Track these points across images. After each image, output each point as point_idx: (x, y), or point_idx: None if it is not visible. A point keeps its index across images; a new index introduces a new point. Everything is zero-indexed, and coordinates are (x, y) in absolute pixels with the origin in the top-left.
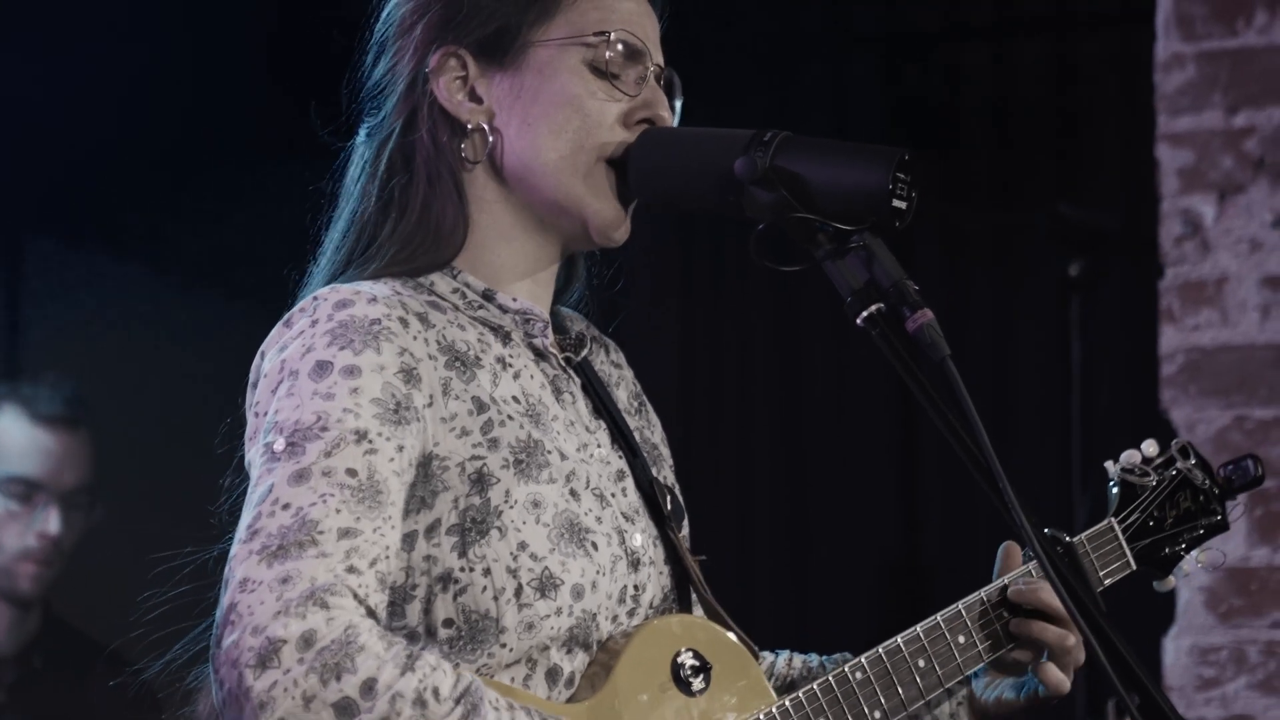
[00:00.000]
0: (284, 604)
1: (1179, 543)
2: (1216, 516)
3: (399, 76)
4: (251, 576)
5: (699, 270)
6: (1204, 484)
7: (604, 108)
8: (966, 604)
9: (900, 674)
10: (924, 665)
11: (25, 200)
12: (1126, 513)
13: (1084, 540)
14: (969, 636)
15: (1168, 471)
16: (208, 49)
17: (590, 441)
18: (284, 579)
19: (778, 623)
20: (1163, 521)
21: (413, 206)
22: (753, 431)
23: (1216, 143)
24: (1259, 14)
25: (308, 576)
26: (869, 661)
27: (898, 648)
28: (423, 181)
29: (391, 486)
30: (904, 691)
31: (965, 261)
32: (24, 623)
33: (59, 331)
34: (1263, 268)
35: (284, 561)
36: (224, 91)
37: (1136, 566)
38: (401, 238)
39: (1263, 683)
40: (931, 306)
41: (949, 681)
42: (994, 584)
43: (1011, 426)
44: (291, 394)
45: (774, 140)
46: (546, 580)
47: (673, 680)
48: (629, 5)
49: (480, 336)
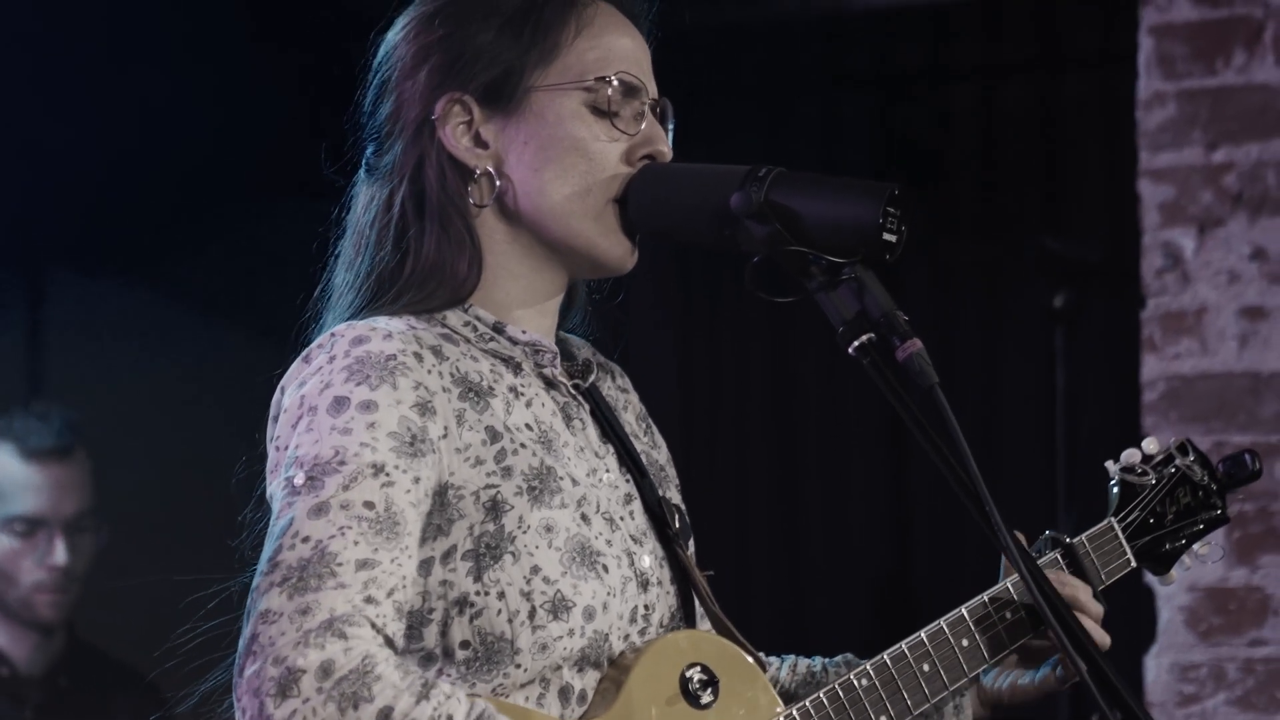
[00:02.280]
0: (303, 634)
1: (1179, 538)
2: (1217, 510)
3: (405, 122)
4: (273, 608)
5: (697, 300)
6: (1203, 479)
7: (607, 149)
8: (969, 607)
9: (906, 679)
10: (929, 670)
11: (48, 234)
12: (1126, 511)
13: (1084, 541)
14: (972, 639)
15: (1166, 469)
16: (223, 92)
17: (599, 466)
18: (304, 610)
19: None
20: (1163, 518)
21: (427, 253)
22: (750, 453)
23: (1196, 178)
24: (1237, 54)
25: (327, 607)
26: (874, 668)
27: (902, 653)
28: (436, 228)
29: (408, 517)
30: (910, 697)
31: (953, 293)
32: (49, 645)
33: (78, 360)
34: (1241, 299)
35: (304, 593)
36: (237, 132)
37: (1136, 564)
38: (418, 283)
39: (1241, 699)
40: (920, 336)
41: (954, 685)
42: (996, 586)
43: (998, 451)
44: (311, 429)
45: (768, 176)
46: (559, 602)
47: (682, 694)
48: (625, 42)
49: (492, 368)
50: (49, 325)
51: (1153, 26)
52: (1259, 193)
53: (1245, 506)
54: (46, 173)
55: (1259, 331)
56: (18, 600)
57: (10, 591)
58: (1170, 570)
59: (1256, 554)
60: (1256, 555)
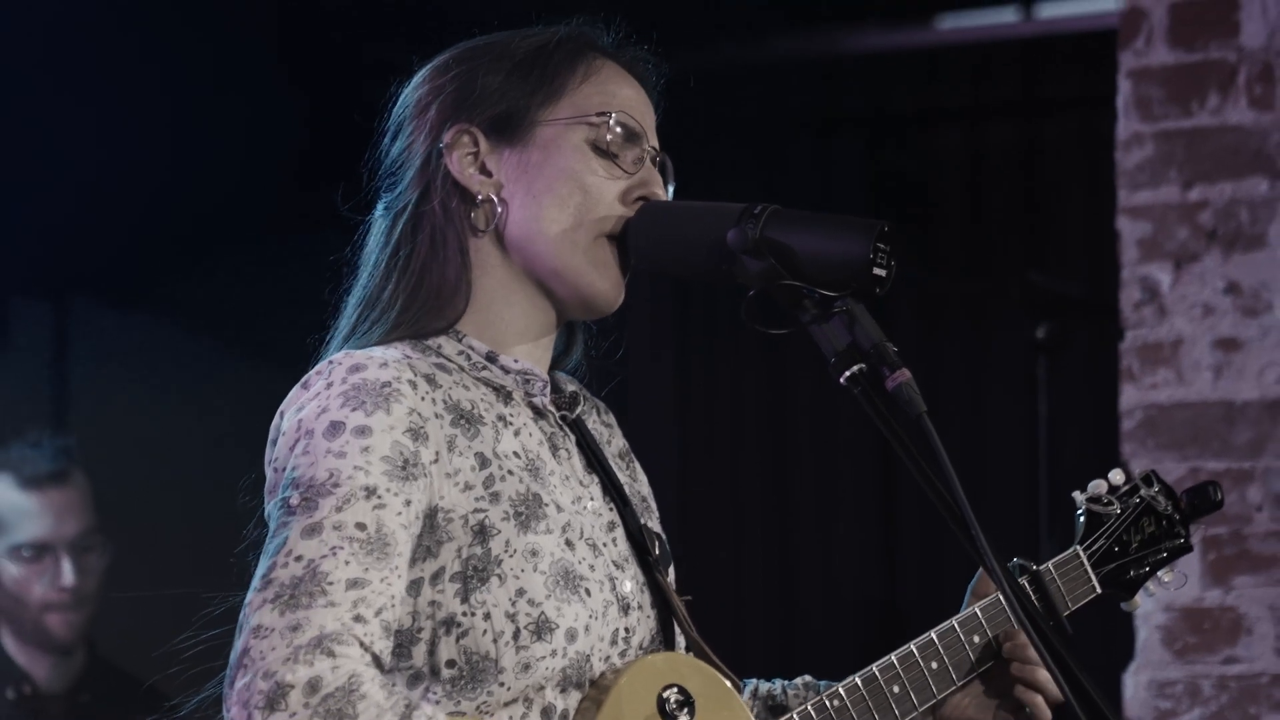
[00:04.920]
0: (293, 650)
1: (1144, 566)
2: (1180, 539)
3: (415, 153)
4: (264, 623)
5: (695, 332)
6: (1167, 509)
7: (604, 185)
8: (939, 631)
9: (876, 700)
10: (899, 691)
11: (73, 265)
12: (1092, 540)
13: (1050, 568)
14: (941, 663)
15: (1131, 499)
16: (245, 130)
17: (584, 494)
18: (294, 626)
19: (767, 655)
20: (1128, 546)
21: (413, 269)
22: (744, 478)
23: (1173, 215)
24: (1211, 97)
25: (316, 625)
26: (846, 690)
27: (873, 676)
28: (425, 246)
29: (399, 539)
30: (879, 717)
31: (940, 325)
32: (69, 664)
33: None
34: (1215, 331)
35: (295, 610)
36: (256, 169)
37: (1101, 590)
38: (404, 299)
39: (1215, 714)
40: (909, 366)
41: (922, 706)
42: (964, 612)
43: (983, 477)
44: (307, 452)
45: (763, 213)
46: (543, 624)
47: (659, 715)
48: (629, 92)
49: (483, 396)
50: (73, 352)
51: (1131, 70)
52: (1232, 229)
53: (1220, 530)
54: (73, 206)
55: (1233, 362)
56: (32, 623)
57: (24, 614)
58: (1135, 597)
59: (1230, 575)
60: (1230, 576)
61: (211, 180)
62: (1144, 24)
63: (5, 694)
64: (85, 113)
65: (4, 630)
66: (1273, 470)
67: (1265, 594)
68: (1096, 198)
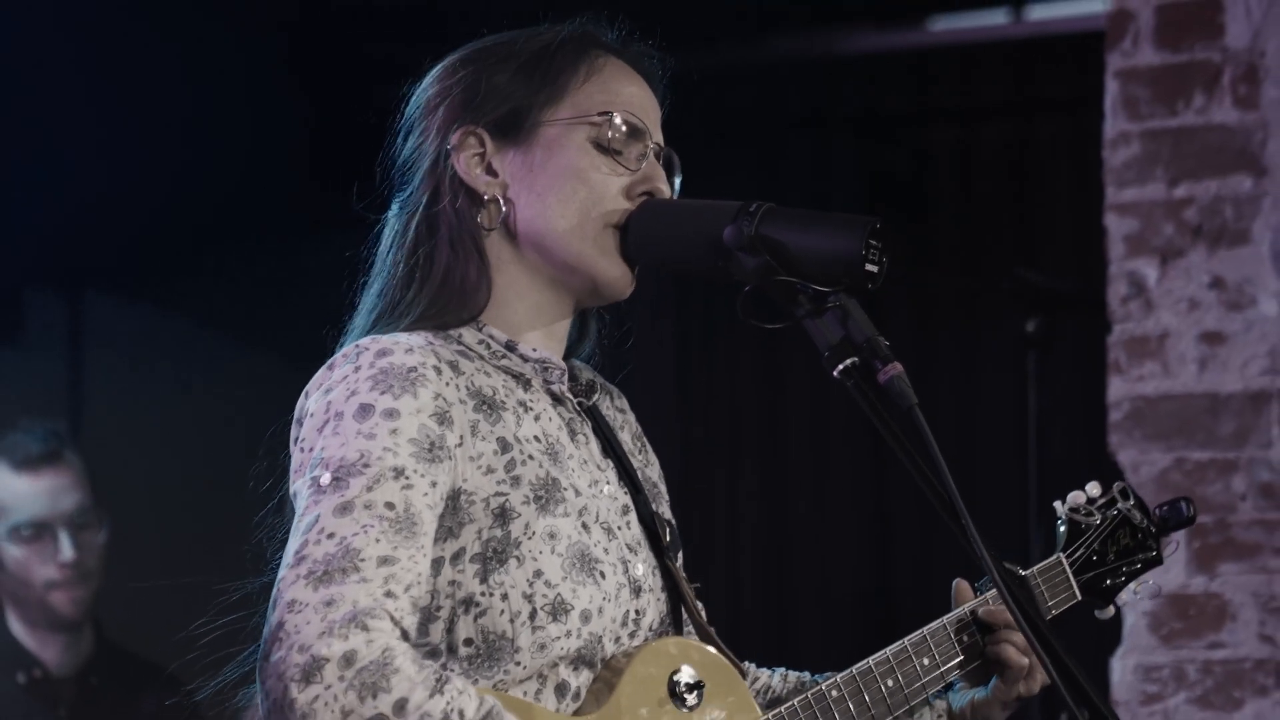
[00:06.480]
0: (328, 625)
1: (1119, 575)
2: (1152, 553)
3: (424, 154)
4: (299, 598)
5: (693, 326)
6: (1142, 523)
7: (607, 181)
8: (931, 629)
9: (871, 692)
10: (892, 685)
11: (87, 258)
12: (1073, 548)
13: (1035, 573)
14: (933, 658)
15: (1110, 511)
16: (257, 127)
17: (600, 479)
18: (328, 602)
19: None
20: (1105, 556)
21: (438, 269)
22: (741, 470)
23: (1159, 212)
24: (1197, 96)
25: (350, 600)
26: (843, 680)
27: (868, 668)
28: (446, 247)
29: (425, 518)
30: (874, 709)
31: (932, 320)
32: (77, 645)
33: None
34: (1200, 325)
35: (328, 586)
36: (268, 169)
37: (1082, 597)
38: (429, 296)
39: (1200, 698)
40: (901, 360)
41: (914, 700)
42: (955, 611)
43: (973, 468)
44: (337, 433)
45: (759, 211)
46: (558, 605)
47: (669, 696)
48: (632, 89)
49: (504, 383)
50: (86, 343)
51: (1118, 71)
52: (1217, 226)
53: (1205, 519)
54: (87, 200)
55: (1217, 355)
56: (37, 602)
57: (29, 594)
58: (1109, 605)
59: (1215, 563)
60: (1215, 564)
61: (222, 175)
62: (1131, 26)
63: (16, 678)
64: (99, 109)
65: (12, 614)
66: (1256, 460)
67: (1249, 581)
68: (1085, 195)
